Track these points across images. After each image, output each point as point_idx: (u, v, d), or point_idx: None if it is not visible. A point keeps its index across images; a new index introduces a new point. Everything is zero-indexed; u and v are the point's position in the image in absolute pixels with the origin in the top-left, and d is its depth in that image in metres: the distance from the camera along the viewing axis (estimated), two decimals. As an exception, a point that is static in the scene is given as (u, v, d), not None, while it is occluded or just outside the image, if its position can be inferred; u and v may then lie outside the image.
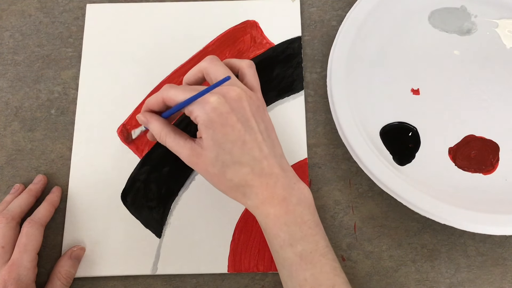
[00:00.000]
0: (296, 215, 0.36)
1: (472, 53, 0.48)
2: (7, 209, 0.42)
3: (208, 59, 0.39)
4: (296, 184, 0.37)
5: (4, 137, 0.47)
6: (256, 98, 0.39)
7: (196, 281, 0.43)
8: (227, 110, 0.36)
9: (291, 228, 0.36)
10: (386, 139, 0.45)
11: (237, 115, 0.36)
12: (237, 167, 0.36)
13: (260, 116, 0.38)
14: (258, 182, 0.36)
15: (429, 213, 0.41)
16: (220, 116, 0.36)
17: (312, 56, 0.50)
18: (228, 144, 0.36)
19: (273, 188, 0.36)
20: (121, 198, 0.45)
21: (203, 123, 0.36)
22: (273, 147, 0.38)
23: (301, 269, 0.35)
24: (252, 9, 0.51)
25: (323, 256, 0.36)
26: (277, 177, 0.37)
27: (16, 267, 0.38)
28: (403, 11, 0.49)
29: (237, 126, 0.36)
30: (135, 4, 0.52)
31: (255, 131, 0.37)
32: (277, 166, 0.37)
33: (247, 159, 0.36)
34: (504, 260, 0.43)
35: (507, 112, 0.46)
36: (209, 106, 0.35)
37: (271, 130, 0.39)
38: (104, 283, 0.43)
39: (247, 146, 0.36)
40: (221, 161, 0.36)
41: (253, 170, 0.36)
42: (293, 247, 0.36)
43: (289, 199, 0.36)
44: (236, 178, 0.36)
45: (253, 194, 0.37)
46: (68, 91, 0.49)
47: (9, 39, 0.51)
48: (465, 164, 0.45)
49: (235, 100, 0.36)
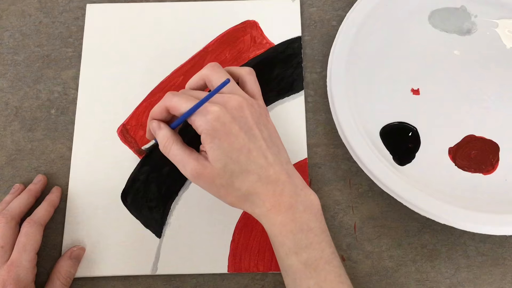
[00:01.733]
0: (302, 222, 0.36)
1: (472, 53, 0.48)
2: (6, 209, 0.41)
3: (210, 66, 0.39)
4: (303, 190, 0.37)
5: (4, 137, 0.47)
6: (258, 106, 0.38)
7: (196, 281, 0.43)
8: (229, 119, 0.35)
9: (297, 236, 0.35)
10: (386, 139, 0.45)
11: (239, 124, 0.36)
12: (245, 175, 0.36)
13: (263, 123, 0.38)
14: (265, 189, 0.36)
15: (429, 213, 0.41)
16: (223, 126, 0.35)
17: (312, 56, 0.50)
18: (235, 153, 0.35)
19: (280, 195, 0.36)
20: (121, 198, 0.45)
21: (206, 132, 0.35)
22: (278, 154, 0.38)
23: (305, 277, 0.35)
24: (252, 9, 0.51)
25: (328, 263, 0.36)
26: (284, 184, 0.36)
27: (15, 267, 0.38)
28: (403, 11, 0.49)
29: (240, 135, 0.36)
30: (135, 4, 0.52)
31: (258, 139, 0.37)
32: (284, 173, 0.37)
33: (253, 167, 0.36)
34: (504, 260, 0.43)
35: (507, 112, 0.46)
36: (211, 116, 0.35)
37: (275, 137, 0.39)
38: (104, 283, 0.43)
39: (253, 155, 0.36)
40: (230, 171, 0.36)
41: (260, 177, 0.36)
42: (298, 255, 0.35)
43: (295, 206, 0.36)
44: (244, 187, 0.36)
45: (260, 202, 0.36)
46: (68, 91, 0.49)
47: (9, 39, 0.51)
48: (465, 164, 0.45)
49: (236, 109, 0.36)
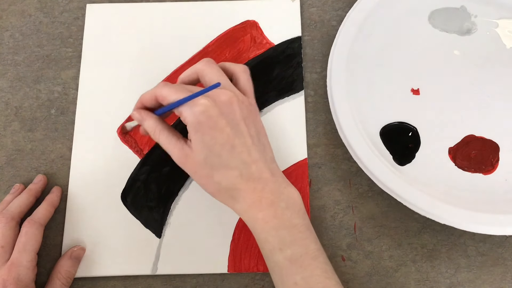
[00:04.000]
0: (284, 219, 0.36)
1: (472, 53, 0.48)
2: (6, 209, 0.42)
3: (205, 61, 0.39)
4: (286, 188, 0.37)
5: (4, 137, 0.47)
6: (248, 103, 0.38)
7: (196, 281, 0.43)
8: (216, 113, 0.36)
9: (280, 232, 0.36)
10: (386, 139, 0.45)
11: (227, 119, 0.36)
12: (225, 170, 0.36)
13: (252, 120, 0.38)
14: (245, 186, 0.36)
15: (429, 213, 0.41)
16: (209, 119, 0.35)
17: (312, 56, 0.50)
18: (217, 147, 0.36)
19: (261, 192, 0.36)
20: (121, 198, 0.45)
21: (191, 124, 0.36)
22: (263, 152, 0.38)
23: (291, 273, 0.35)
24: (252, 9, 0.51)
25: (313, 259, 0.35)
26: (266, 182, 0.37)
27: (15, 266, 0.38)
28: (403, 11, 0.49)
29: (226, 129, 0.36)
30: (135, 4, 0.52)
31: (244, 135, 0.37)
32: (267, 170, 0.37)
33: (235, 163, 0.36)
34: (504, 260, 0.43)
35: (507, 112, 0.46)
36: (198, 109, 0.35)
37: (262, 135, 0.39)
38: (104, 283, 0.43)
39: (236, 150, 0.36)
40: (210, 163, 0.36)
41: (242, 174, 0.36)
42: (282, 251, 0.35)
43: (277, 203, 0.36)
44: (224, 182, 0.36)
45: (240, 197, 0.37)
46: (68, 91, 0.49)
47: (9, 39, 0.51)
48: (465, 164, 0.45)
49: (225, 103, 0.36)
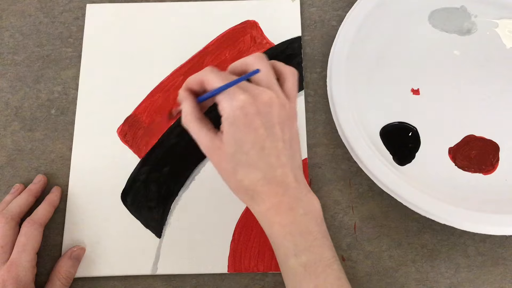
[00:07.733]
0: (302, 225, 0.35)
1: (472, 53, 0.48)
2: (6, 209, 0.42)
3: (256, 55, 0.38)
4: (307, 195, 0.37)
5: (4, 137, 0.47)
6: (289, 107, 0.37)
7: (196, 281, 0.43)
8: (253, 111, 0.35)
9: (296, 238, 0.35)
10: (386, 139, 0.45)
11: (263, 119, 0.35)
12: (250, 169, 0.35)
13: (288, 125, 0.37)
14: (267, 188, 0.36)
15: (429, 213, 0.41)
16: (245, 117, 0.35)
17: (312, 56, 0.50)
18: (247, 145, 0.35)
19: (282, 197, 0.36)
20: (121, 198, 0.45)
21: (227, 118, 0.35)
22: (292, 158, 0.37)
23: (304, 280, 0.35)
24: (252, 9, 0.51)
25: (328, 266, 0.35)
26: (288, 187, 0.36)
27: (15, 266, 0.38)
28: (403, 11, 0.49)
29: (259, 130, 0.35)
30: (135, 4, 0.52)
31: (277, 138, 0.36)
32: (291, 176, 0.36)
33: (261, 165, 0.35)
34: (504, 260, 0.43)
35: (507, 112, 0.46)
36: (236, 104, 0.34)
37: (295, 141, 0.38)
38: (104, 283, 0.43)
39: (265, 152, 0.35)
40: (236, 159, 0.35)
41: (265, 176, 0.35)
42: (297, 257, 0.35)
43: (296, 209, 0.36)
44: (246, 180, 0.36)
45: (260, 199, 0.36)
46: (68, 91, 0.49)
47: (9, 39, 0.51)
48: (465, 164, 0.45)
49: (264, 104, 0.35)
